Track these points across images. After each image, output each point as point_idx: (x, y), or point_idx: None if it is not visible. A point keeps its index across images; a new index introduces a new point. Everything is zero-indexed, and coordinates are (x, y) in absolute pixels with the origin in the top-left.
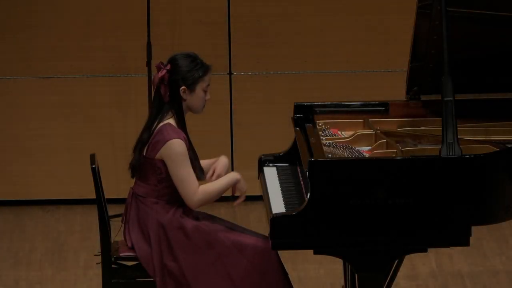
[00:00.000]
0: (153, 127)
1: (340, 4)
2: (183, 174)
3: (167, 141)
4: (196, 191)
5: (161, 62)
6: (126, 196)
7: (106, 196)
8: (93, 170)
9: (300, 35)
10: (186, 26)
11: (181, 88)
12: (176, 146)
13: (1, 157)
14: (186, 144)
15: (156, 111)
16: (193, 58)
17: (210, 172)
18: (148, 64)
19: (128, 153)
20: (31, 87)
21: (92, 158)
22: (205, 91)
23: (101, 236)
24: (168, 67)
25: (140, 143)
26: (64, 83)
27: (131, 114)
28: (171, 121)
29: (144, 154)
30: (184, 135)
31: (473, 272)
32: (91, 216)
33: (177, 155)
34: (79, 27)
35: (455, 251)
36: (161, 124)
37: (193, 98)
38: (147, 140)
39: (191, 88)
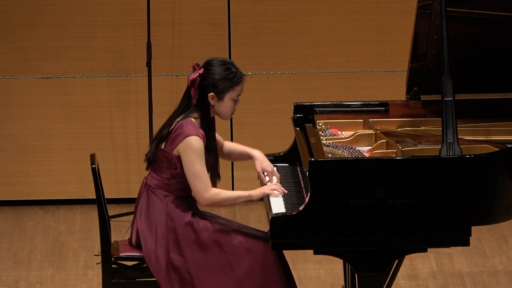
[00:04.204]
0: (174, 124)
1: (340, 4)
2: (197, 169)
3: (186, 136)
4: (207, 188)
5: (196, 63)
6: (126, 196)
7: (106, 196)
8: (93, 170)
9: (300, 35)
10: (186, 26)
11: (209, 94)
12: (193, 142)
13: (1, 157)
14: (204, 142)
15: (182, 110)
16: (228, 67)
17: (262, 176)
18: (148, 64)
19: (128, 153)
20: (31, 87)
21: (92, 158)
22: (234, 100)
23: (101, 236)
24: (201, 71)
25: (158, 138)
26: (64, 83)
27: (131, 114)
28: (196, 116)
29: (163, 147)
30: (202, 132)
31: (473, 272)
32: (91, 216)
33: (193, 151)
34: (79, 27)
35: (455, 251)
36: (184, 119)
37: (220, 106)
38: (166, 135)
39: (219, 96)
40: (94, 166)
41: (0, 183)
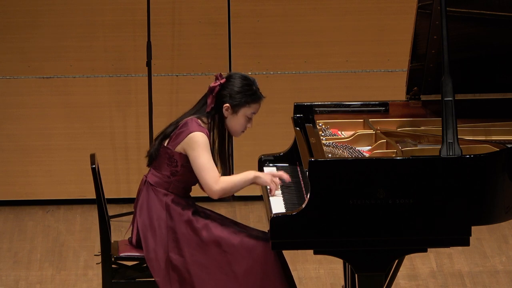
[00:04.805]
0: (178, 125)
1: (340, 4)
2: (204, 162)
3: (190, 133)
4: (217, 179)
5: (220, 74)
6: (126, 196)
7: (106, 196)
8: (93, 170)
9: (300, 35)
10: (186, 26)
11: (225, 105)
12: (197, 137)
13: (1, 157)
14: (208, 139)
15: (193, 112)
16: (249, 83)
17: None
18: (148, 64)
19: (128, 153)
20: (31, 87)
21: (92, 158)
22: (248, 118)
23: (101, 236)
24: (223, 81)
25: (163, 134)
26: (64, 83)
27: (131, 114)
28: (202, 123)
29: (166, 144)
30: (207, 131)
31: (473, 272)
32: (91, 216)
33: (198, 145)
34: (79, 27)
35: (455, 251)
36: (190, 118)
37: (233, 120)
38: (170, 133)
39: (234, 109)
40: (94, 166)
41: (0, 183)
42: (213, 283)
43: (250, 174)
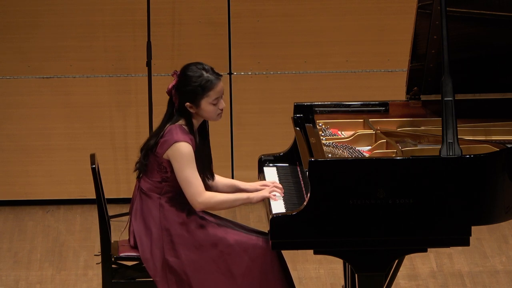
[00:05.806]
0: (162, 133)
1: (340, 4)
2: (188, 175)
3: (174, 142)
4: (201, 193)
5: (175, 71)
6: (126, 196)
7: (106, 196)
8: (93, 170)
9: (300, 35)
10: (186, 26)
11: (186, 104)
12: (182, 148)
13: (1, 157)
14: (193, 146)
15: (167, 118)
16: (200, 73)
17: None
18: (148, 64)
19: (128, 153)
20: (31, 87)
21: (92, 158)
22: (214, 104)
23: (101, 236)
24: (174, 82)
25: (146, 148)
26: (64, 83)
27: (131, 114)
28: (183, 123)
29: (154, 151)
30: (191, 137)
31: (473, 272)
32: (91, 216)
33: (182, 157)
34: (79, 27)
35: (455, 251)
36: (172, 124)
37: (201, 112)
38: (154, 145)
39: (195, 104)
40: (94, 166)
41: (0, 183)
42: (211, 284)
43: (243, 195)
